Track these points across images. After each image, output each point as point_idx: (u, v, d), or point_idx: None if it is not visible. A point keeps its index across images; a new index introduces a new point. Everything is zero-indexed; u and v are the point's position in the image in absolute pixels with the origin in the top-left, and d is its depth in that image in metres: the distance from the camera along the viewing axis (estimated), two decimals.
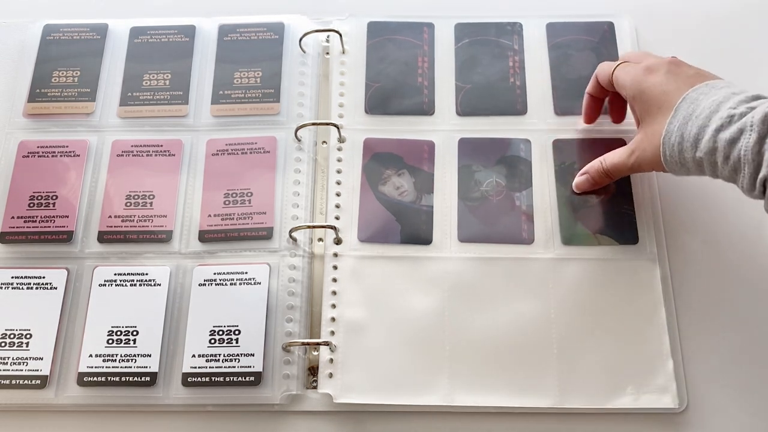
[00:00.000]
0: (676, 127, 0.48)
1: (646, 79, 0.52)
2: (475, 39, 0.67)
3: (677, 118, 0.48)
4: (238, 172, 0.61)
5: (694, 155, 0.47)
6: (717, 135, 0.45)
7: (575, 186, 0.59)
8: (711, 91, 0.48)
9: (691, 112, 0.47)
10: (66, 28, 0.68)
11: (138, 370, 0.54)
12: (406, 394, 0.53)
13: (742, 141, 0.43)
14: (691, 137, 0.47)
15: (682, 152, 0.48)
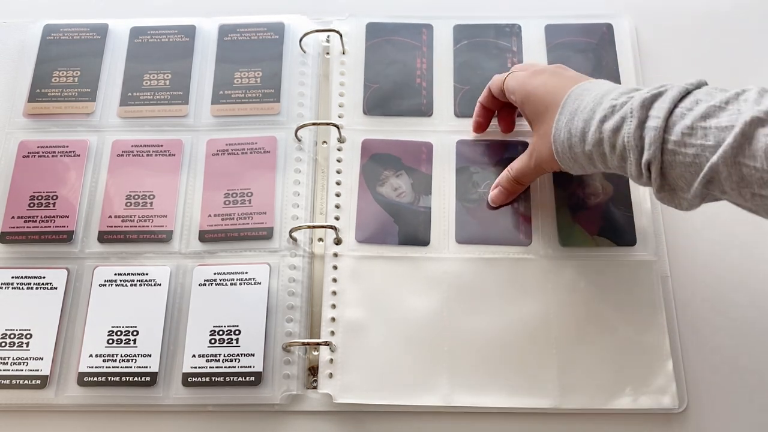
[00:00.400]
0: (563, 123, 0.49)
1: (531, 81, 0.53)
2: (473, 40, 0.67)
3: (564, 114, 0.49)
4: (238, 172, 0.61)
5: (583, 149, 0.47)
6: (602, 126, 0.45)
7: (491, 200, 0.59)
8: (594, 87, 0.49)
9: (576, 107, 0.48)
10: (66, 28, 0.68)
11: (138, 370, 0.54)
12: (406, 395, 0.54)
13: (624, 128, 0.44)
14: (578, 131, 0.47)
15: (572, 147, 0.48)
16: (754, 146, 0.38)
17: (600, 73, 0.64)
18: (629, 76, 0.65)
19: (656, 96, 0.43)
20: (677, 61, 0.67)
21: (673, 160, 0.42)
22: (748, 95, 0.40)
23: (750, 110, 0.39)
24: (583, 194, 0.60)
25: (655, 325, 0.55)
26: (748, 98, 0.40)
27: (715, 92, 0.42)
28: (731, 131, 0.39)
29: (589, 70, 0.64)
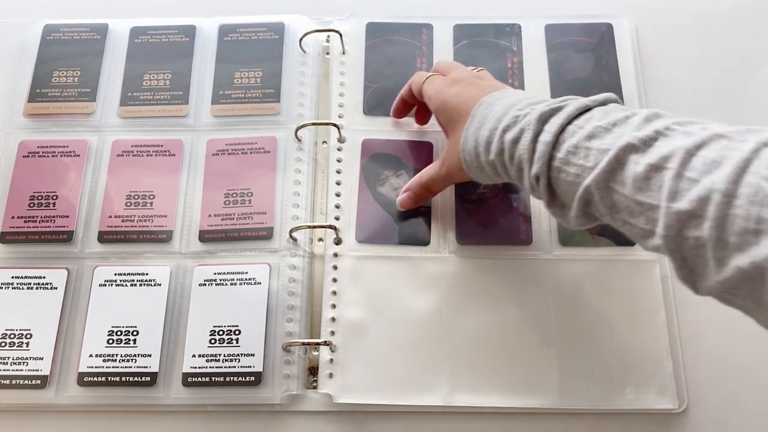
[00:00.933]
0: (471, 132, 0.48)
1: (448, 91, 0.53)
2: (473, 40, 0.67)
3: (473, 123, 0.48)
4: (239, 172, 0.61)
5: (487, 158, 0.47)
6: (503, 135, 0.45)
7: (398, 203, 0.59)
8: (505, 97, 0.48)
9: (485, 116, 0.47)
10: (66, 28, 0.68)
11: (138, 370, 0.54)
12: (406, 394, 0.54)
13: (522, 140, 0.43)
14: (483, 140, 0.47)
15: (478, 156, 0.48)
16: (625, 172, 0.38)
17: (600, 73, 0.65)
18: (629, 76, 0.65)
19: (555, 110, 0.43)
20: (677, 61, 0.67)
21: (557, 177, 0.42)
22: (635, 119, 0.39)
23: (628, 135, 0.38)
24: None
25: (655, 325, 0.55)
26: (633, 122, 0.39)
27: (612, 112, 0.42)
28: (607, 155, 0.38)
29: (589, 70, 0.65)
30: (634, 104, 0.63)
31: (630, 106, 0.62)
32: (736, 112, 0.64)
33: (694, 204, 0.34)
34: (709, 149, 0.35)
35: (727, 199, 0.32)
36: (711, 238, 0.33)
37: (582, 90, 0.63)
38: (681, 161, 0.35)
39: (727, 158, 0.33)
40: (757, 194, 0.31)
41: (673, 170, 0.35)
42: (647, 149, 0.37)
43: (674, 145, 0.36)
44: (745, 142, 0.34)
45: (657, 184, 0.36)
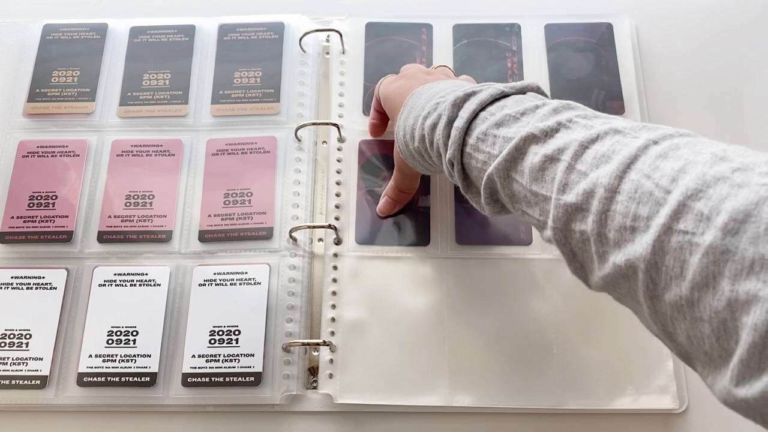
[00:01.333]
0: (401, 121, 0.49)
1: (391, 85, 0.54)
2: (473, 40, 0.67)
3: (403, 113, 0.49)
4: (238, 172, 0.61)
5: (414, 145, 0.47)
6: (424, 122, 0.45)
7: (379, 210, 0.59)
8: (435, 86, 0.48)
9: (413, 105, 0.48)
10: (66, 28, 0.68)
11: (138, 370, 0.54)
12: (406, 395, 0.53)
13: (439, 125, 0.43)
14: (410, 128, 0.47)
15: (407, 144, 0.48)
16: (524, 162, 0.37)
17: (600, 73, 0.64)
18: (629, 76, 0.65)
19: (468, 96, 0.42)
20: (677, 61, 0.67)
21: (469, 163, 0.42)
22: (543, 110, 0.39)
23: (531, 125, 0.38)
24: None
25: None
26: (540, 113, 0.39)
27: (526, 101, 0.41)
28: (509, 144, 0.38)
29: (589, 70, 0.65)
30: (634, 104, 0.63)
31: (630, 105, 0.63)
32: (737, 112, 0.64)
33: (580, 197, 0.34)
34: (602, 143, 0.34)
35: (610, 194, 0.32)
36: (593, 232, 0.33)
37: (582, 89, 0.63)
38: (573, 154, 0.35)
39: (616, 153, 0.33)
40: (637, 191, 0.31)
41: (566, 162, 0.35)
42: (546, 140, 0.37)
43: (571, 137, 0.36)
44: (637, 138, 0.34)
45: (550, 176, 0.36)
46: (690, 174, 0.29)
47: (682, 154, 0.31)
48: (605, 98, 0.63)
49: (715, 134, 0.63)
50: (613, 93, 0.64)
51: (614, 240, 0.32)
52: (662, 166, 0.31)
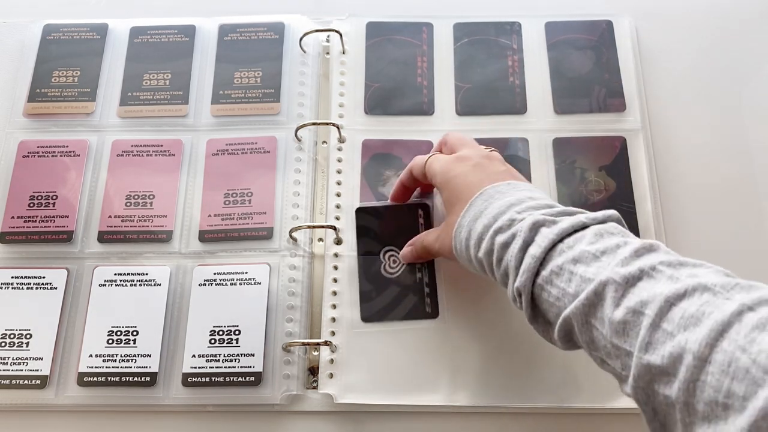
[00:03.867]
0: (466, 222, 0.46)
1: (454, 168, 0.50)
2: (474, 38, 0.67)
3: (470, 213, 0.46)
4: (238, 172, 0.61)
5: (476, 254, 0.45)
6: (495, 237, 0.43)
7: (401, 256, 0.57)
8: (509, 191, 0.45)
9: (483, 209, 0.45)
10: (66, 28, 0.68)
11: (138, 370, 0.54)
12: (407, 394, 0.53)
13: (512, 246, 0.41)
14: (476, 235, 0.44)
15: (468, 249, 0.46)
16: (603, 310, 0.36)
17: (600, 71, 0.64)
18: (629, 74, 0.64)
19: (548, 222, 0.41)
20: (677, 59, 0.67)
21: (540, 294, 0.40)
22: (624, 251, 0.37)
23: (611, 269, 0.36)
24: (586, 191, 0.60)
25: None
26: (621, 254, 0.37)
27: (606, 236, 0.39)
28: (588, 286, 0.36)
29: (589, 68, 0.64)
30: (634, 102, 0.63)
31: (630, 104, 0.63)
32: (736, 110, 0.64)
33: (666, 360, 0.32)
34: (691, 302, 0.32)
35: (700, 363, 0.30)
36: (679, 400, 0.31)
37: (583, 87, 0.63)
38: (659, 310, 0.33)
39: (706, 316, 0.31)
40: (731, 364, 0.29)
41: (650, 318, 0.33)
42: (628, 289, 0.35)
43: (656, 290, 0.34)
44: (729, 300, 0.31)
45: (634, 331, 0.34)
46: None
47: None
48: (606, 95, 0.63)
49: (714, 132, 0.63)
50: (614, 90, 0.63)
51: (703, 413, 0.30)
52: (760, 339, 0.29)
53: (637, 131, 0.62)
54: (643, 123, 0.62)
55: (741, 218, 0.60)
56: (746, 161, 0.62)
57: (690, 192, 0.61)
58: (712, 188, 0.61)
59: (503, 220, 0.43)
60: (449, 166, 0.50)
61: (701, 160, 0.62)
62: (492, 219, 0.44)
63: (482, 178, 0.48)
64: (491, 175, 0.48)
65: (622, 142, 0.61)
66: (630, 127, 0.62)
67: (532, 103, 0.64)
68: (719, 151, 0.63)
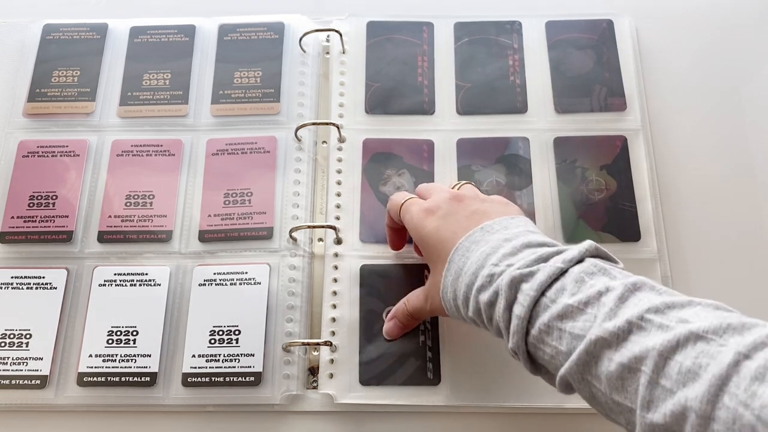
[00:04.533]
0: (449, 282, 0.45)
1: (425, 224, 0.48)
2: (474, 38, 0.67)
3: (450, 272, 0.45)
4: (238, 172, 0.61)
5: (467, 314, 0.44)
6: (478, 296, 0.42)
7: (385, 333, 0.55)
8: (483, 238, 0.44)
9: (461, 266, 0.44)
10: (66, 28, 0.68)
11: (138, 370, 0.54)
12: (406, 395, 0.53)
13: (497, 306, 0.41)
14: (461, 295, 0.44)
15: (458, 309, 0.45)
16: (599, 368, 0.35)
17: (601, 70, 0.64)
18: (630, 72, 0.64)
19: (524, 276, 0.40)
20: (678, 59, 0.67)
21: (534, 352, 0.40)
22: (608, 298, 0.36)
23: (599, 325, 0.35)
24: (587, 190, 0.60)
25: None
26: (606, 304, 0.36)
27: (587, 278, 0.38)
28: (580, 344, 0.36)
29: (590, 67, 0.64)
30: (635, 101, 0.63)
31: (630, 103, 0.62)
32: (736, 110, 0.64)
33: (668, 419, 0.31)
34: (685, 355, 0.32)
35: (704, 421, 0.30)
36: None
37: (584, 86, 0.63)
38: (654, 366, 0.32)
39: (703, 369, 0.31)
40: (735, 422, 0.29)
41: (647, 375, 0.33)
42: (620, 345, 0.34)
43: (648, 344, 0.33)
44: (724, 348, 0.31)
45: (632, 387, 0.34)
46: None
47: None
48: (607, 95, 0.63)
49: (715, 131, 0.63)
50: (615, 90, 0.63)
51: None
52: (760, 393, 0.28)
53: (637, 130, 0.62)
54: (643, 122, 0.62)
55: (741, 217, 0.60)
56: (746, 160, 0.62)
57: (690, 191, 0.60)
58: (713, 187, 0.61)
59: (483, 276, 0.42)
60: (420, 223, 0.49)
61: (701, 159, 0.62)
62: (473, 276, 0.43)
63: (454, 230, 0.46)
64: (462, 222, 0.47)
65: (622, 141, 0.61)
66: (630, 127, 0.62)
67: (533, 102, 0.64)
68: (719, 150, 0.62)
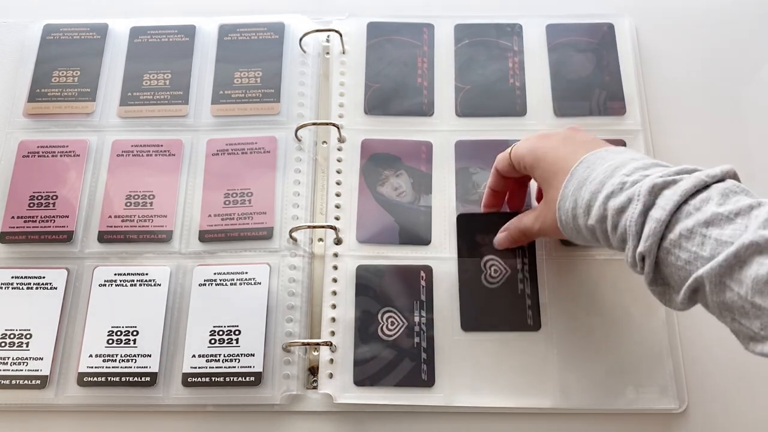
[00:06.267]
0: (570, 191, 0.45)
1: (542, 144, 0.49)
2: (474, 40, 0.67)
3: (572, 182, 0.45)
4: (238, 172, 0.61)
5: (586, 222, 0.44)
6: (607, 202, 0.42)
7: (496, 243, 0.56)
8: (609, 155, 0.45)
9: (586, 176, 0.44)
10: (66, 28, 0.68)
11: (138, 370, 0.54)
12: (406, 394, 0.53)
13: (629, 210, 0.40)
14: (584, 203, 0.44)
15: (576, 218, 0.45)
16: (744, 272, 0.35)
17: (601, 73, 0.64)
18: (630, 76, 0.65)
19: (668, 183, 0.40)
20: (678, 61, 0.67)
21: (666, 258, 0.39)
22: (761, 212, 0.36)
23: (753, 233, 0.35)
24: None
25: (655, 324, 0.55)
26: (759, 216, 0.36)
27: (732, 196, 0.38)
28: (727, 248, 0.36)
29: (590, 70, 0.64)
30: (634, 105, 0.63)
31: (630, 107, 0.63)
32: (736, 113, 0.64)
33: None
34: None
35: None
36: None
37: (583, 89, 0.63)
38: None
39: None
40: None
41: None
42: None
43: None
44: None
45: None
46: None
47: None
48: (606, 98, 0.63)
49: (714, 134, 0.63)
50: (614, 93, 0.64)
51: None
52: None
53: (637, 133, 0.62)
54: (643, 125, 0.63)
55: None
56: (746, 163, 0.62)
57: None
58: None
59: (612, 184, 0.42)
60: (536, 144, 0.50)
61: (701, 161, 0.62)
62: (599, 184, 0.43)
63: (575, 149, 0.47)
64: (582, 144, 0.47)
65: (622, 145, 0.61)
66: (630, 128, 0.62)
67: (532, 105, 0.64)
68: (719, 153, 0.63)
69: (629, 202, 0.41)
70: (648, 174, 0.41)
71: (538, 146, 0.49)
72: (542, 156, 0.49)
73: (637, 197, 0.40)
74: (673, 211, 0.39)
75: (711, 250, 0.37)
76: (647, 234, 0.39)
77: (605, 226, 0.42)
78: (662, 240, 0.39)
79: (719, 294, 0.36)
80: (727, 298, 0.36)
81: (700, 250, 0.37)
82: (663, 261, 0.40)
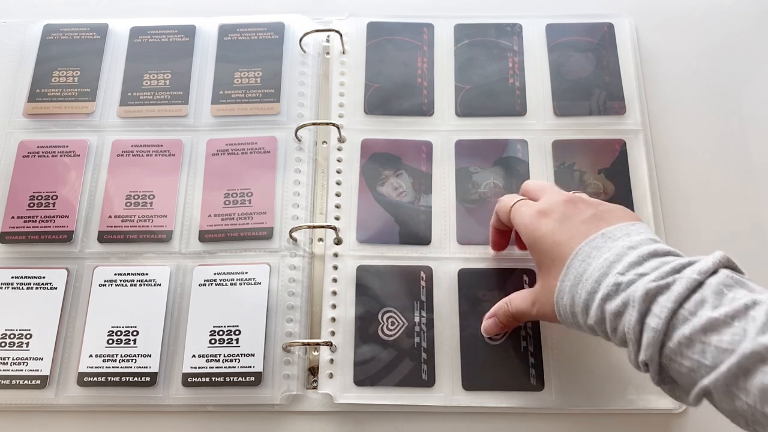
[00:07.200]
0: (567, 287, 0.44)
1: (538, 226, 0.48)
2: (474, 40, 0.67)
3: (569, 277, 0.44)
4: (239, 172, 0.61)
5: (586, 321, 0.43)
6: (604, 305, 0.41)
7: (484, 330, 0.55)
8: (605, 245, 0.44)
9: (582, 272, 0.43)
10: (66, 28, 0.68)
11: (138, 370, 0.54)
12: (407, 394, 0.53)
13: (626, 316, 0.40)
14: (581, 302, 0.43)
15: (575, 316, 0.44)
16: (750, 382, 0.35)
17: (601, 73, 0.64)
18: (630, 76, 0.64)
19: (661, 288, 0.39)
20: (678, 61, 0.67)
21: (669, 365, 0.39)
22: (758, 314, 0.36)
23: (753, 339, 0.35)
24: (586, 194, 0.60)
25: None
26: (757, 319, 0.36)
27: (727, 290, 0.38)
28: (730, 357, 0.35)
29: (590, 70, 0.64)
30: (635, 105, 0.63)
31: (630, 106, 0.63)
32: (736, 113, 0.64)
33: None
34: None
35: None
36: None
37: (583, 89, 0.63)
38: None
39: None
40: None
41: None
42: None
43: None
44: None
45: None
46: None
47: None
48: (606, 98, 0.63)
49: (715, 134, 0.63)
50: (614, 93, 0.64)
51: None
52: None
53: (637, 133, 0.62)
54: (643, 125, 0.63)
55: (741, 220, 0.60)
56: (746, 163, 0.62)
57: (690, 194, 0.61)
58: (712, 190, 0.61)
59: (608, 285, 0.41)
60: (534, 224, 0.48)
61: (701, 162, 0.62)
62: (595, 284, 0.42)
63: (572, 235, 0.46)
64: (580, 227, 0.46)
65: (621, 144, 0.61)
66: (630, 128, 0.62)
67: (532, 105, 0.64)
68: (719, 152, 0.63)
69: (625, 308, 0.40)
70: (642, 272, 0.41)
71: (536, 227, 0.48)
72: (539, 239, 0.47)
73: (633, 304, 0.40)
74: (669, 318, 0.38)
75: (713, 359, 0.36)
76: (646, 343, 0.39)
77: (605, 327, 0.42)
78: (662, 347, 0.39)
79: (729, 402, 0.36)
80: (737, 407, 0.36)
81: (701, 358, 0.37)
82: (667, 367, 0.39)
